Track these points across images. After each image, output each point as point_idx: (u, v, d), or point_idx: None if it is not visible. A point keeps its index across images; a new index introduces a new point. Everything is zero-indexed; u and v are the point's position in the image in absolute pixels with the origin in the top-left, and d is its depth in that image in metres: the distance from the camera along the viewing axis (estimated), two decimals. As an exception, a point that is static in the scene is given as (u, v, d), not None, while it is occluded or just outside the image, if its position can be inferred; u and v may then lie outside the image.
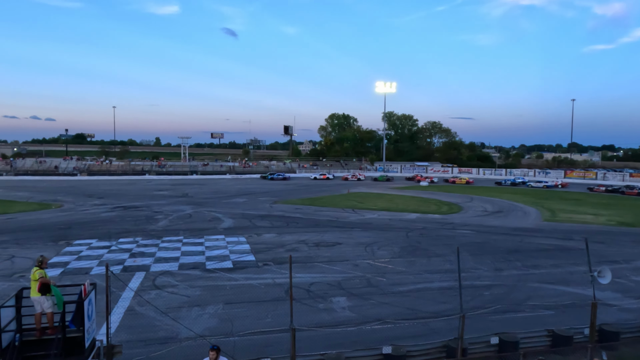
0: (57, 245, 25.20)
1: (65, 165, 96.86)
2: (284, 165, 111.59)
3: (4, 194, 54.60)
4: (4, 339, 7.98)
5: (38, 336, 8.34)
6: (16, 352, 7.98)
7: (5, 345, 7.97)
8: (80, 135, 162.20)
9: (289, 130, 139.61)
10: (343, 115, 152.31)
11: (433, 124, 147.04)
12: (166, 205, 43.72)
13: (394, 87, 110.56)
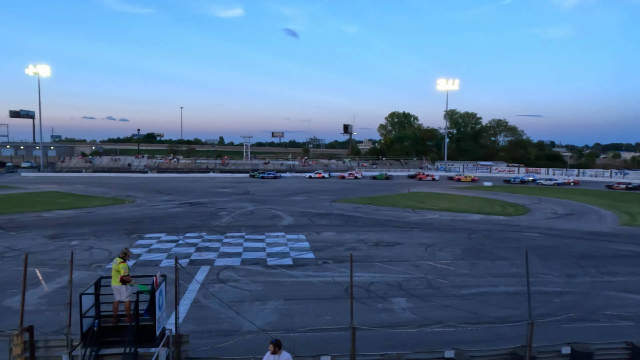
0: (130, 238, 26.77)
1: (137, 163, 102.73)
2: (343, 164, 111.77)
3: (84, 189, 58.80)
4: (85, 324, 8.61)
5: (114, 322, 8.91)
6: (95, 336, 8.57)
7: (85, 329, 8.59)
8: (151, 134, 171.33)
9: (348, 129, 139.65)
10: (403, 114, 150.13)
11: (498, 122, 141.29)
12: (229, 202, 45.16)
13: (456, 85, 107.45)
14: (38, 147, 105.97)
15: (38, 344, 9.48)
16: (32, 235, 27.72)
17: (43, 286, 17.29)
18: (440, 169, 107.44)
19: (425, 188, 66.18)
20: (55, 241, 25.92)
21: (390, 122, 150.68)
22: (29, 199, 46.92)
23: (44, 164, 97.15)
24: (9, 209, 38.86)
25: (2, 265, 20.61)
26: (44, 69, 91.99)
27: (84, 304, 8.51)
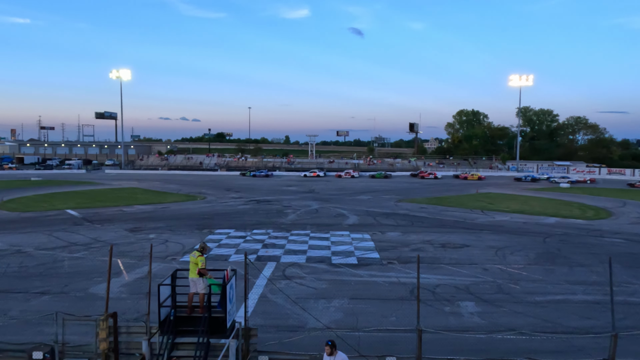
0: (202, 233, 28.03)
1: (208, 161, 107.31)
2: (408, 163, 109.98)
3: (160, 186, 62.35)
4: (162, 313, 9.15)
5: (189, 313, 9.38)
6: (171, 325, 9.08)
7: (162, 318, 9.12)
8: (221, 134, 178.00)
9: (414, 128, 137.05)
10: (472, 112, 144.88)
11: (577, 119, 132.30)
12: (295, 201, 45.95)
13: (530, 80, 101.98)
14: (120, 146, 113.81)
15: (121, 329, 10.19)
16: (115, 228, 29.83)
17: (124, 276, 18.55)
18: (512, 169, 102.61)
19: (496, 189, 63.52)
20: (135, 234, 27.72)
21: (458, 121, 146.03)
22: (111, 195, 50.51)
23: (124, 162, 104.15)
24: (95, 204, 42.07)
25: (89, 255, 22.37)
26: (126, 73, 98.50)
27: (161, 294, 9.04)
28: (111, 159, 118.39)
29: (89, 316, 10.92)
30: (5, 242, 25.11)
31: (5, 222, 32.11)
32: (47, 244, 24.63)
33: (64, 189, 56.71)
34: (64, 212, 36.55)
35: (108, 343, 9.52)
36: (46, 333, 11.74)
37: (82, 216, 34.60)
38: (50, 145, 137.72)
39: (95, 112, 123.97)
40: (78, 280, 18.14)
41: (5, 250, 23.11)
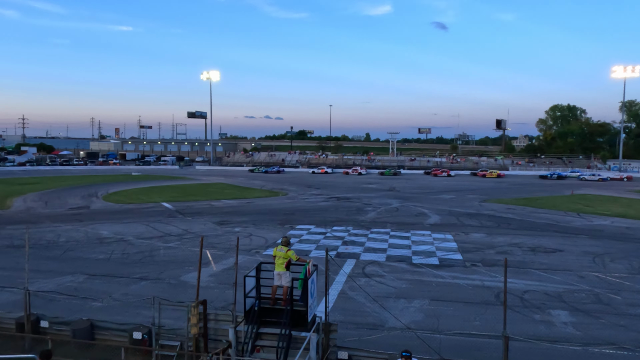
0: (283, 228, 28.86)
1: (290, 158, 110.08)
2: (494, 161, 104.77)
3: (245, 182, 65.12)
4: (247, 303, 9.57)
5: (272, 305, 9.72)
6: (256, 316, 9.47)
7: (248, 308, 9.54)
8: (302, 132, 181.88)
9: (501, 124, 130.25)
10: (567, 107, 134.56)
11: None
12: (375, 198, 45.73)
13: (636, 71, 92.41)
14: (209, 144, 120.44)
15: (209, 316, 10.82)
16: (204, 220, 31.65)
17: (212, 266, 19.63)
18: (614, 169, 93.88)
19: (594, 190, 58.55)
20: (222, 227, 29.22)
21: (552, 116, 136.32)
22: (201, 189, 53.63)
23: (213, 159, 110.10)
24: (186, 197, 44.93)
25: (181, 246, 23.96)
26: (215, 75, 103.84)
27: (247, 285, 9.46)
28: (201, 155, 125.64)
29: (181, 302, 11.70)
30: (110, 230, 27.66)
31: (110, 212, 35.34)
32: (145, 234, 26.75)
33: (159, 183, 61.18)
34: (160, 205, 39.43)
35: (198, 328, 10.15)
36: (144, 315, 12.79)
37: (175, 209, 37.11)
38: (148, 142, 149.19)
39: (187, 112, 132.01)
40: (172, 268, 19.52)
41: (111, 239, 25.46)
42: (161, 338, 11.37)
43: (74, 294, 15.63)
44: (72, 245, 23.87)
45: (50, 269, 19.09)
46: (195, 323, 9.97)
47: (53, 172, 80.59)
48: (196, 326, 10.02)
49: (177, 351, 10.95)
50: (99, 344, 11.41)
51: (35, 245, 22.83)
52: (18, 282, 15.66)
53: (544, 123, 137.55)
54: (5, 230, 27.69)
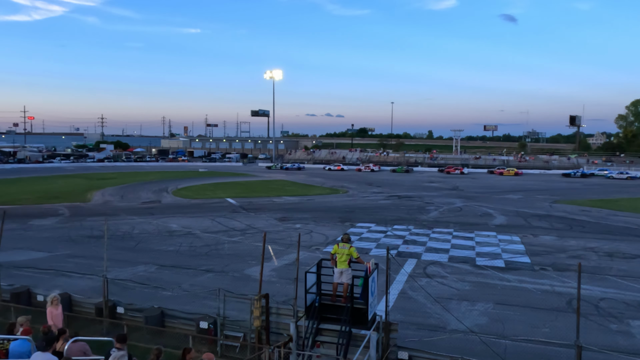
0: (343, 225, 28.94)
1: (351, 156, 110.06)
2: (567, 160, 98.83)
3: (305, 179, 65.93)
4: (308, 299, 9.70)
5: (333, 301, 9.79)
6: (316, 311, 9.58)
7: (308, 304, 9.68)
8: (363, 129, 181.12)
9: (575, 121, 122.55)
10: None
11: None
12: (437, 197, 44.69)
13: None
14: (271, 141, 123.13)
15: (271, 310, 11.10)
16: (266, 216, 32.43)
17: (274, 261, 20.05)
18: None
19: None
20: (283, 223, 29.80)
21: (633, 112, 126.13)
22: (263, 186, 54.98)
23: (275, 156, 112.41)
24: (249, 194, 46.24)
25: (244, 240, 24.72)
26: (278, 74, 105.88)
27: (308, 281, 9.58)
28: (264, 153, 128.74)
29: (245, 295, 12.09)
30: (178, 224, 29.06)
31: (179, 207, 37.12)
32: (211, 228, 27.84)
33: (224, 179, 63.39)
34: (224, 200, 40.88)
35: (261, 321, 10.44)
36: (209, 306, 13.32)
37: (239, 204, 38.32)
38: (214, 140, 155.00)
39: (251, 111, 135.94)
40: (235, 262, 20.19)
41: (179, 232, 26.75)
42: (225, 328, 11.81)
43: (146, 283, 16.56)
44: (145, 237, 25.33)
45: (125, 258, 20.37)
46: (258, 316, 10.26)
47: (128, 168, 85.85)
48: (259, 319, 10.31)
49: (240, 342, 11.33)
50: (168, 331, 12.04)
51: (112, 237, 24.45)
52: (97, 270, 16.85)
53: (624, 119, 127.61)
54: (86, 221, 29.89)
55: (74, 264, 19.51)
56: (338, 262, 9.86)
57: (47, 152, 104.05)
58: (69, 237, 25.22)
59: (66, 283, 16.51)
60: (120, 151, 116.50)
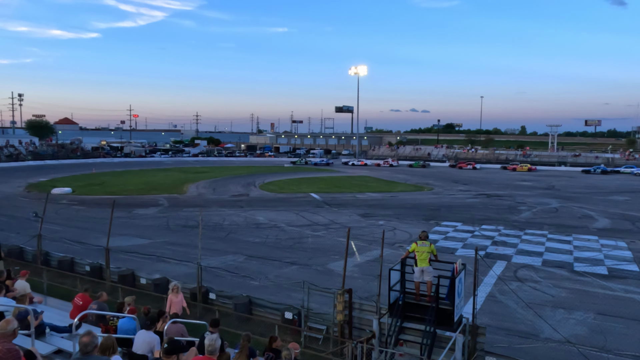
0: (428, 223, 28.25)
1: (436, 152, 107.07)
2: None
3: (389, 175, 65.27)
4: (391, 296, 9.62)
5: (417, 300, 9.61)
6: (400, 309, 9.48)
7: (392, 301, 9.60)
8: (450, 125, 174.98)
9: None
10: None
11: None
12: (530, 197, 42.03)
13: None
14: (354, 137, 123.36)
15: (354, 305, 11.16)
16: (349, 212, 32.60)
17: (356, 257, 20.12)
18: None
19: None
20: (366, 219, 29.77)
21: None
22: (346, 182, 55.27)
23: (358, 152, 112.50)
24: (333, 189, 46.76)
25: (327, 235, 25.07)
26: (362, 69, 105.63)
27: (391, 278, 9.50)
28: (347, 149, 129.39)
29: (328, 289, 12.27)
30: (265, 217, 30.18)
31: (265, 200, 38.53)
32: (296, 222, 28.58)
33: (308, 175, 64.66)
34: (309, 195, 41.71)
35: (344, 315, 10.54)
36: (293, 297, 13.71)
37: (322, 199, 38.90)
38: (299, 136, 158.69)
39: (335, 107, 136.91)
40: (319, 256, 20.56)
41: (265, 224, 27.78)
42: (309, 320, 12.08)
43: (235, 272, 17.45)
44: (234, 228, 26.63)
45: (216, 248, 21.58)
46: (341, 310, 10.38)
47: (219, 162, 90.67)
48: (342, 313, 10.42)
49: (323, 334, 11.54)
50: (255, 318, 12.59)
51: (204, 227, 25.96)
52: (191, 258, 18.04)
53: None
54: (182, 212, 32.08)
55: (171, 251, 21.04)
56: (419, 260, 9.67)
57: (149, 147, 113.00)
58: (167, 226, 27.24)
59: (165, 268, 17.88)
60: (213, 146, 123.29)
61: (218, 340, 5.45)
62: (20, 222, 26.10)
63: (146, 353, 6.29)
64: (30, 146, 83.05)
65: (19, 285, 9.48)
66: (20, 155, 77.49)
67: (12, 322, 4.60)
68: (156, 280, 14.82)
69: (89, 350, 4.35)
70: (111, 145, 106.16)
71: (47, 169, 64.33)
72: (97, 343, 4.55)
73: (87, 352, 4.33)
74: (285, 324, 11.92)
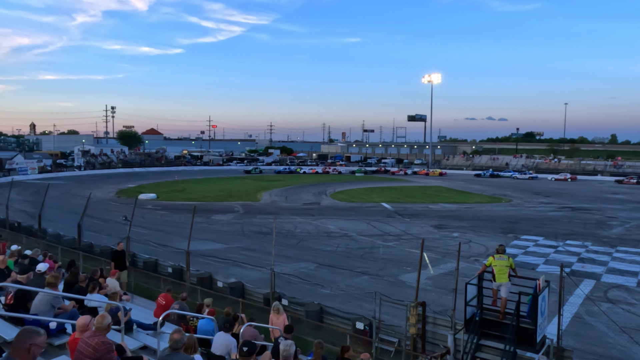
0: (506, 237, 26.88)
1: (515, 162, 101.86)
2: None
3: (463, 186, 63.07)
4: (468, 311, 9.23)
5: (501, 318, 9.07)
6: (477, 326, 9.06)
7: (468, 317, 9.21)
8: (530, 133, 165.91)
9: None
10: None
11: None
12: (622, 211, 38.67)
13: None
14: (427, 147, 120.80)
15: (428, 319, 10.84)
16: (421, 223, 31.88)
17: (429, 269, 19.59)
18: None
19: None
20: (439, 231, 28.93)
21: None
22: (419, 192, 54.14)
23: (431, 162, 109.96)
24: (404, 199, 45.99)
25: (399, 246, 24.66)
26: (436, 77, 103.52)
27: (468, 292, 9.12)
28: (419, 158, 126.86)
29: (401, 301, 12.03)
30: (335, 225, 30.31)
31: (336, 209, 38.71)
32: (366, 231, 28.42)
33: (379, 184, 64.17)
34: (379, 205, 41.34)
35: (417, 329, 10.28)
36: (364, 308, 13.60)
37: (394, 209, 38.38)
38: (370, 145, 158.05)
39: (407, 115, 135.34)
40: (390, 267, 20.25)
41: (336, 233, 27.89)
42: (380, 332, 11.91)
43: (307, 279, 17.64)
44: (305, 236, 27.00)
45: (288, 255, 21.98)
46: (414, 323, 10.13)
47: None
48: (415, 326, 10.17)
49: (395, 347, 11.31)
50: (326, 327, 12.62)
51: (277, 234, 26.62)
52: (264, 263, 18.55)
53: None
54: (256, 218, 33.09)
55: (245, 256, 21.75)
56: (497, 275, 9.20)
57: (226, 156, 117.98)
58: (242, 232, 28.20)
59: (239, 273, 18.50)
60: (285, 156, 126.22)
61: (293, 346, 5.53)
62: (111, 225, 28.26)
63: (224, 354, 6.52)
64: (121, 155, 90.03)
65: (109, 283, 10.27)
66: (112, 163, 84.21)
67: (107, 317, 4.97)
68: (232, 284, 15.36)
69: (179, 347, 4.61)
70: (192, 154, 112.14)
71: (135, 176, 69.33)
72: (185, 341, 4.81)
73: (176, 348, 4.59)
74: (356, 334, 11.83)
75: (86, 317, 5.32)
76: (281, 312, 9.22)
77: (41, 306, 6.68)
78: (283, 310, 9.27)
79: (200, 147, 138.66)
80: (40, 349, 3.47)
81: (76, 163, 78.56)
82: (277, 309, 9.36)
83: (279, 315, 9.29)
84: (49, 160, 76.24)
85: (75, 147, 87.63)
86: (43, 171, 68.15)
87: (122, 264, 14.35)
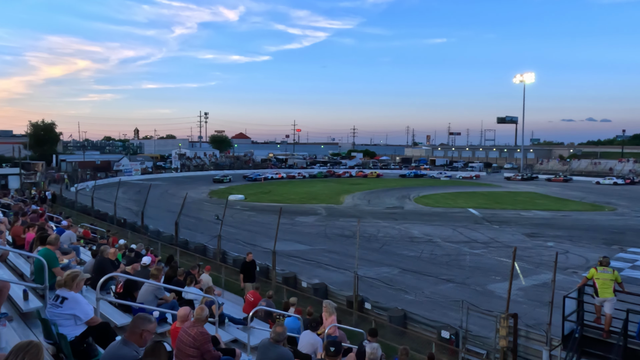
0: (610, 249, 24.62)
1: (621, 167, 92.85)
2: None
3: (559, 192, 58.72)
4: (566, 327, 8.58)
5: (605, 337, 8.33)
6: (576, 343, 8.39)
7: (566, 333, 8.56)
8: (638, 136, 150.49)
9: None
10: None
11: None
12: None
13: None
14: (519, 150, 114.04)
15: (520, 332, 10.26)
16: (512, 230, 30.19)
17: (521, 280, 18.50)
18: None
19: None
20: (532, 239, 27.20)
21: None
22: (509, 198, 51.27)
23: (523, 166, 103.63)
24: (493, 205, 43.82)
25: (487, 254, 23.56)
26: (529, 77, 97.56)
27: (566, 307, 8.49)
28: (510, 162, 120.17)
29: (490, 311, 11.51)
30: (419, 231, 29.68)
31: (420, 214, 37.87)
32: (452, 238, 27.49)
33: (466, 189, 61.71)
34: (466, 211, 39.78)
35: (507, 342, 9.76)
36: (449, 316, 13.19)
37: (481, 215, 36.73)
38: (456, 149, 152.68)
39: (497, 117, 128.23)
40: (477, 275, 19.42)
41: (420, 239, 27.30)
42: (467, 342, 11.47)
43: (390, 284, 17.49)
44: (388, 240, 26.73)
45: (371, 258, 21.91)
46: (505, 335, 9.64)
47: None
48: (505, 339, 9.67)
49: (483, 359, 10.84)
50: (410, 333, 12.41)
51: (360, 237, 26.66)
52: (347, 266, 18.66)
53: None
54: (338, 221, 33.38)
55: (328, 258, 22.02)
56: (600, 290, 8.44)
57: (310, 159, 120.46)
58: (325, 234, 28.59)
59: (323, 274, 18.79)
60: (368, 159, 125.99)
61: (379, 349, 5.52)
62: (204, 224, 30.05)
63: (310, 353, 6.67)
64: (213, 158, 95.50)
65: (204, 278, 10.95)
66: (204, 165, 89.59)
67: (205, 309, 5.33)
68: (315, 285, 15.65)
69: (280, 340, 4.83)
70: (277, 158, 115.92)
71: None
72: (287, 336, 5.03)
73: (278, 340, 4.81)
74: (442, 343, 11.50)
75: (186, 308, 5.74)
76: (331, 313, 8.34)
77: (146, 296, 7.30)
78: (334, 310, 8.53)
79: (285, 150, 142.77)
80: (151, 335, 3.81)
81: (173, 165, 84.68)
82: (329, 308, 8.41)
83: (329, 315, 8.35)
84: (150, 162, 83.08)
85: (172, 150, 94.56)
86: (145, 172, 74.31)
87: (251, 276, 13.91)
